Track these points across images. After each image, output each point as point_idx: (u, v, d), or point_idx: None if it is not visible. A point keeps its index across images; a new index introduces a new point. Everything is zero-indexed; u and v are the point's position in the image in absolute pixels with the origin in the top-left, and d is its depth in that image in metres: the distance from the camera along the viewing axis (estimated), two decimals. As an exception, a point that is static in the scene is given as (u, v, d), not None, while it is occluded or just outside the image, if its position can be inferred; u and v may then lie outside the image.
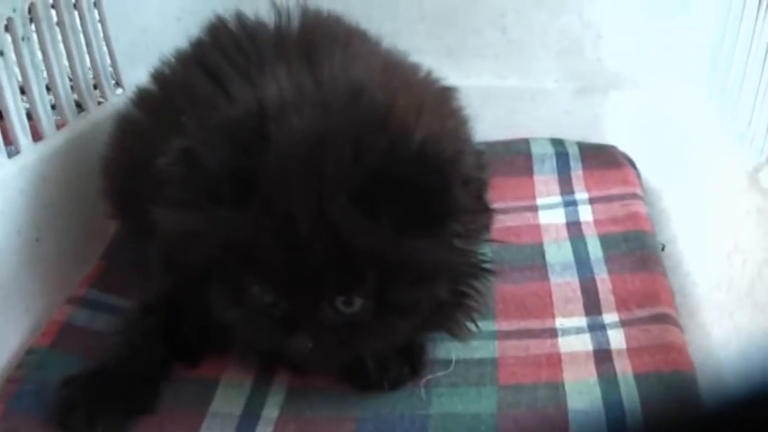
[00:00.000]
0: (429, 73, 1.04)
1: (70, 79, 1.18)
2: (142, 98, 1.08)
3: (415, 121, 0.86)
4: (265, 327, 0.85)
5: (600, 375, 0.93)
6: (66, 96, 1.16)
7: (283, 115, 0.83)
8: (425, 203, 0.81)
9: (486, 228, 1.00)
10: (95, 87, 1.24)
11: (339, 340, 0.85)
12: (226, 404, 0.93)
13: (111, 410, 0.88)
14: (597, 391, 0.91)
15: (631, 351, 0.96)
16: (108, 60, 1.25)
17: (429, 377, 0.94)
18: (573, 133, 1.37)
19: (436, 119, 0.91)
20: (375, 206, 0.80)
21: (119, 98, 1.23)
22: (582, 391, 0.92)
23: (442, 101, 1.01)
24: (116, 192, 1.07)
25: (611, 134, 1.36)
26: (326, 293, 0.83)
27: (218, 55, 1.00)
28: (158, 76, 1.07)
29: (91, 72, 1.22)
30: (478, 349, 0.98)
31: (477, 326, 0.94)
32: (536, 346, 0.98)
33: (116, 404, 0.89)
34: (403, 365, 0.93)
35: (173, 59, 1.07)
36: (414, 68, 1.04)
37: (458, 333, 0.94)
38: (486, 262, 0.92)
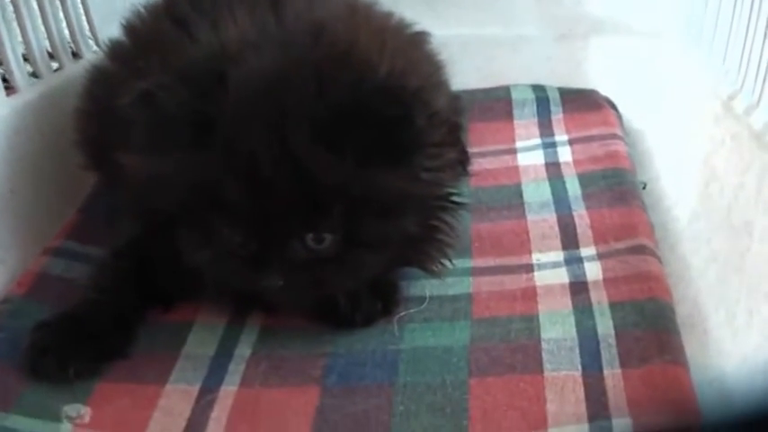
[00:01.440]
0: (402, 20, 1.03)
1: (46, 35, 1.18)
2: (114, 49, 1.08)
3: (378, 56, 0.86)
4: (236, 267, 0.84)
5: (575, 306, 0.92)
6: (41, 51, 1.15)
7: (243, 55, 0.84)
8: (389, 135, 0.81)
9: (463, 167, 1.00)
10: (72, 44, 1.24)
11: (309, 277, 0.85)
12: (199, 346, 0.92)
13: (83, 354, 0.88)
14: (571, 321, 0.91)
15: (607, 281, 0.95)
16: (84, 17, 1.25)
17: (402, 314, 0.94)
18: (554, 80, 1.36)
19: (400, 55, 0.90)
20: (338, 139, 0.80)
21: (94, 55, 1.22)
22: (556, 321, 0.91)
23: (412, 44, 1.01)
24: (89, 142, 1.07)
25: (592, 80, 1.36)
26: (294, 230, 0.82)
27: (187, 4, 0.99)
28: (129, 27, 1.07)
29: (66, 29, 1.22)
30: (453, 286, 0.97)
31: (450, 261, 0.94)
32: (511, 281, 0.97)
33: (88, 348, 0.88)
34: (375, 302, 0.93)
35: (144, 11, 1.07)
36: (385, 14, 1.03)
37: (430, 268, 0.94)
38: (458, 196, 0.91)
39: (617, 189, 1.09)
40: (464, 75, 1.18)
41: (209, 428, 0.83)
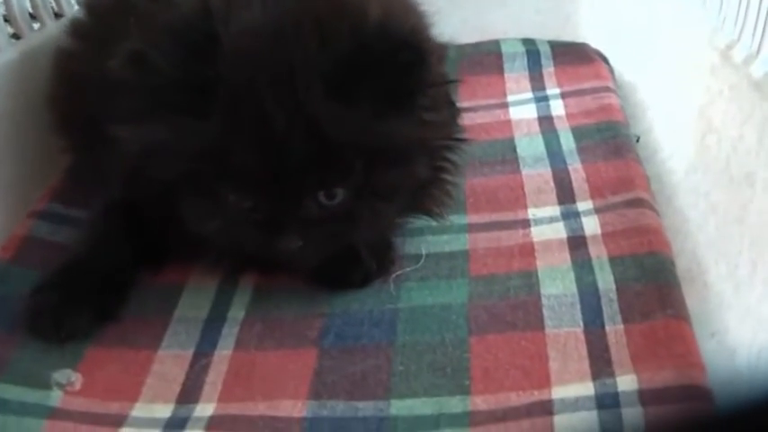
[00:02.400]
0: None
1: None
2: (76, 28, 1.04)
3: (368, 3, 0.83)
4: (250, 233, 0.82)
5: (574, 261, 0.91)
6: (22, 12, 1.12)
7: (230, 13, 0.80)
8: (400, 79, 0.79)
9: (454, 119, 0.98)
10: (53, 4, 1.20)
11: (327, 233, 0.83)
12: (191, 309, 0.90)
13: (78, 315, 0.86)
14: (571, 276, 0.89)
15: (606, 236, 0.93)
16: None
17: (398, 273, 0.92)
18: (544, 34, 1.33)
19: (392, 6, 0.88)
20: (351, 91, 0.78)
21: (77, 14, 1.18)
22: (555, 276, 0.89)
23: None
24: (66, 126, 1.03)
25: (582, 33, 1.34)
26: (307, 189, 0.80)
27: None
28: (90, 4, 1.05)
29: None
30: (449, 243, 0.96)
31: (451, 197, 0.93)
32: (508, 237, 0.95)
33: (82, 308, 0.86)
34: (370, 262, 0.91)
35: None
36: None
37: (436, 211, 0.93)
38: (458, 131, 0.90)
39: (611, 142, 1.07)
40: (453, 28, 1.15)
41: (205, 394, 0.81)
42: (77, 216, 1.01)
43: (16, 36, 1.12)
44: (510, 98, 1.19)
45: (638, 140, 1.12)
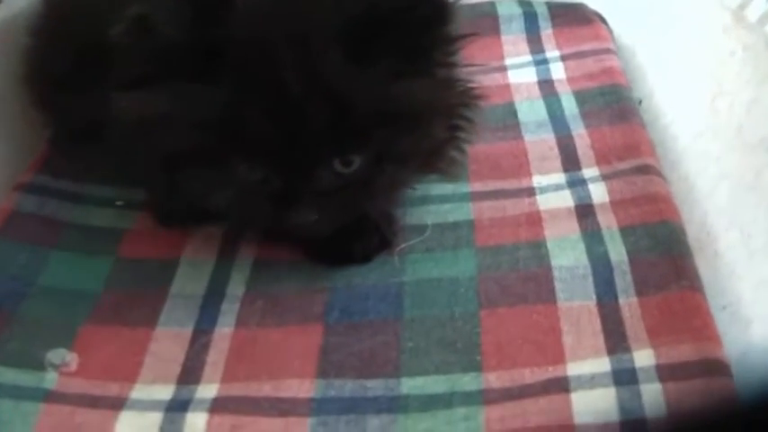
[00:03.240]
0: None
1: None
2: None
3: None
4: (262, 206, 0.78)
5: (583, 230, 0.88)
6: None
7: None
8: (418, 36, 0.76)
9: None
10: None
11: (342, 203, 0.79)
12: (187, 284, 0.87)
13: None
14: (581, 246, 0.86)
15: (615, 204, 0.91)
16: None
17: (402, 245, 0.89)
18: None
19: None
20: (369, 52, 0.74)
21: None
22: (565, 247, 0.86)
23: None
24: (48, 98, 0.98)
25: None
26: (324, 157, 0.76)
27: None
28: None
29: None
30: (452, 212, 0.92)
31: (465, 155, 0.90)
32: (513, 206, 0.92)
33: None
34: (373, 236, 0.88)
35: None
36: None
37: (451, 171, 0.89)
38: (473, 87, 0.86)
39: (616, 107, 1.04)
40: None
41: (206, 374, 0.78)
42: (66, 188, 0.97)
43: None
44: (508, 61, 1.15)
45: (639, 104, 1.09)
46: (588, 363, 0.75)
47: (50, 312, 0.83)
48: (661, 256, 0.84)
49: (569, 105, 1.05)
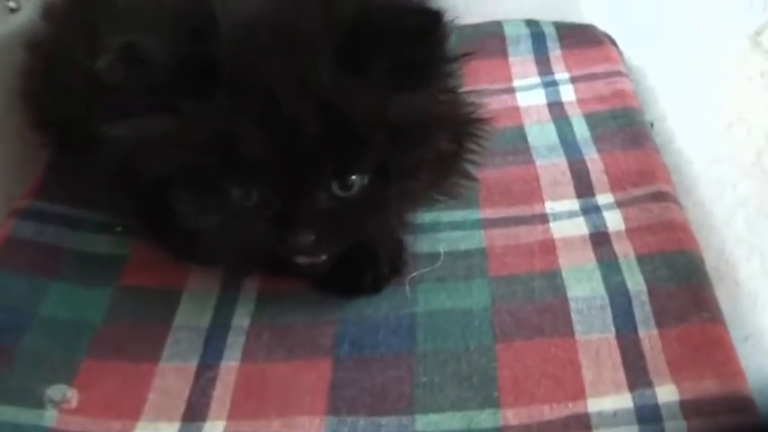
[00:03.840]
0: None
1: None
2: (50, 10, 0.96)
3: None
4: (256, 230, 0.74)
5: (599, 259, 0.86)
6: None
7: None
8: (415, 48, 0.73)
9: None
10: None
11: (343, 224, 0.75)
12: (191, 316, 0.84)
13: None
14: (598, 276, 0.84)
15: (631, 232, 0.88)
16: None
17: (413, 274, 0.86)
18: (548, 15, 1.27)
19: None
20: (363, 63, 0.71)
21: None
22: (581, 277, 0.84)
23: None
24: (45, 121, 0.95)
25: (587, 14, 1.27)
26: (322, 176, 0.73)
27: None
28: None
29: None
30: (464, 240, 0.90)
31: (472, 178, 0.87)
32: (526, 234, 0.90)
33: None
34: (383, 265, 0.85)
35: None
36: None
37: (458, 192, 0.87)
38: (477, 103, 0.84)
39: (628, 130, 1.01)
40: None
41: (212, 410, 0.76)
42: (64, 213, 0.94)
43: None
44: (516, 83, 1.13)
45: (651, 126, 1.06)
46: (609, 398, 0.73)
47: (50, 346, 0.81)
48: (680, 287, 0.81)
49: (581, 129, 1.03)
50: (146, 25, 0.74)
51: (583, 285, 0.83)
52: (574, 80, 1.12)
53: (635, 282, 0.83)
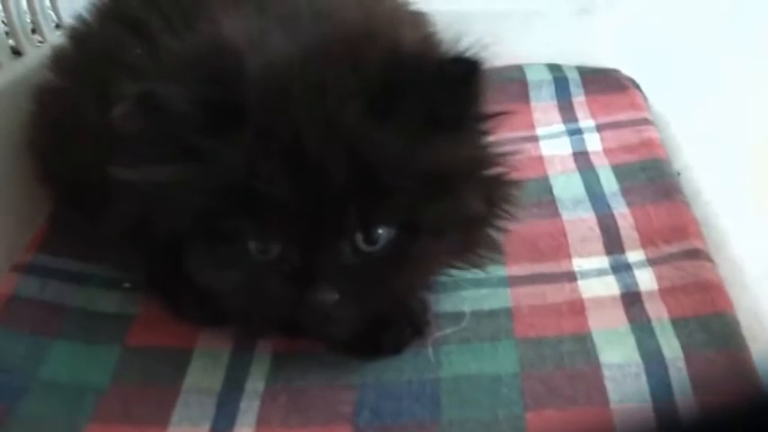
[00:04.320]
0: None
1: (4, 23, 1.03)
2: (59, 61, 0.93)
3: (395, 29, 0.76)
4: (273, 288, 0.70)
5: (632, 322, 0.82)
6: (0, 40, 1.00)
7: (249, 42, 0.71)
8: (448, 96, 0.70)
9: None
10: (33, 31, 1.07)
11: (368, 282, 0.71)
12: (202, 378, 0.79)
13: None
14: (631, 341, 0.80)
15: (664, 292, 0.84)
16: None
17: (436, 335, 0.82)
18: (569, 59, 1.23)
19: (414, 29, 0.83)
20: (393, 111, 0.68)
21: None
22: (613, 341, 0.80)
23: (415, 22, 0.90)
24: (52, 172, 0.91)
25: (605, 58, 1.23)
26: (347, 227, 0.69)
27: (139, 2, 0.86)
28: (75, 35, 0.93)
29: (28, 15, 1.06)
30: (488, 298, 0.86)
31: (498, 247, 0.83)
32: (554, 293, 0.86)
33: None
34: (404, 325, 0.81)
35: (89, 14, 0.93)
36: None
37: (489, 254, 0.83)
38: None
39: (659, 183, 0.97)
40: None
41: (226, 480, 0.71)
42: (68, 268, 0.90)
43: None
44: (539, 131, 1.09)
45: (678, 176, 1.02)
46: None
47: (52, 410, 0.76)
48: (718, 352, 0.77)
49: (608, 181, 0.99)
50: (161, 73, 0.72)
51: (615, 350, 0.79)
52: (599, 128, 1.08)
53: (671, 347, 0.79)
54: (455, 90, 0.70)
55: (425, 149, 0.69)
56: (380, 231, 0.70)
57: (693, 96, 1.09)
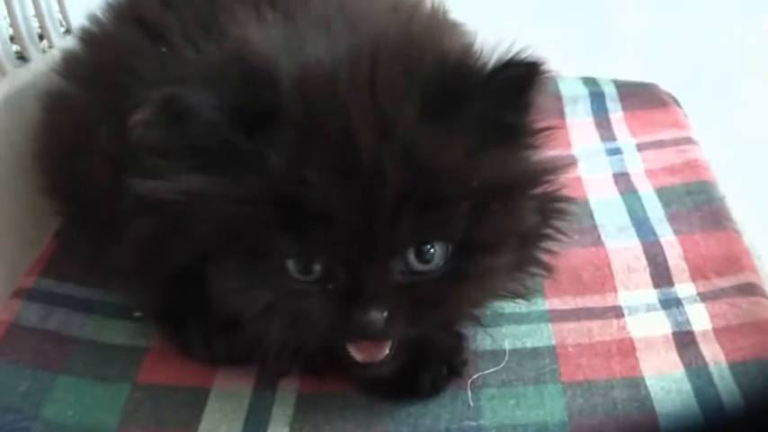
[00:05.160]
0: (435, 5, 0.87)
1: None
2: (70, 66, 0.87)
3: (440, 34, 0.74)
4: (315, 309, 0.64)
5: (687, 366, 0.75)
6: (5, 45, 0.93)
7: (283, 47, 0.66)
8: (510, 102, 0.66)
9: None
10: (41, 37, 1.01)
11: (419, 304, 0.65)
12: (220, 421, 0.73)
13: None
14: (688, 389, 0.73)
15: (719, 332, 0.78)
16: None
17: (474, 376, 0.75)
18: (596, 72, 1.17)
19: (454, 35, 0.80)
20: (450, 116, 0.63)
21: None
22: (669, 388, 0.74)
23: (452, 28, 0.86)
24: (61, 187, 0.85)
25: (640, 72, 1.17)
26: (399, 242, 0.63)
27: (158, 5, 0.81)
28: (88, 37, 0.87)
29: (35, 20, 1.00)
30: (530, 335, 0.79)
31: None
32: (601, 330, 0.79)
33: None
34: (440, 365, 0.74)
35: (102, 16, 0.87)
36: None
37: (524, 288, 0.76)
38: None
39: (707, 209, 0.91)
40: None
41: None
42: (74, 295, 0.84)
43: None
44: (576, 150, 1.03)
45: (723, 200, 0.96)
46: None
47: (55, 456, 0.70)
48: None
49: (652, 206, 0.93)
50: (184, 79, 0.67)
51: (672, 398, 0.73)
52: (640, 147, 1.02)
53: (731, 395, 0.72)
54: (514, 94, 0.66)
55: (487, 158, 0.64)
56: (434, 249, 0.64)
57: (740, 116, 1.04)
